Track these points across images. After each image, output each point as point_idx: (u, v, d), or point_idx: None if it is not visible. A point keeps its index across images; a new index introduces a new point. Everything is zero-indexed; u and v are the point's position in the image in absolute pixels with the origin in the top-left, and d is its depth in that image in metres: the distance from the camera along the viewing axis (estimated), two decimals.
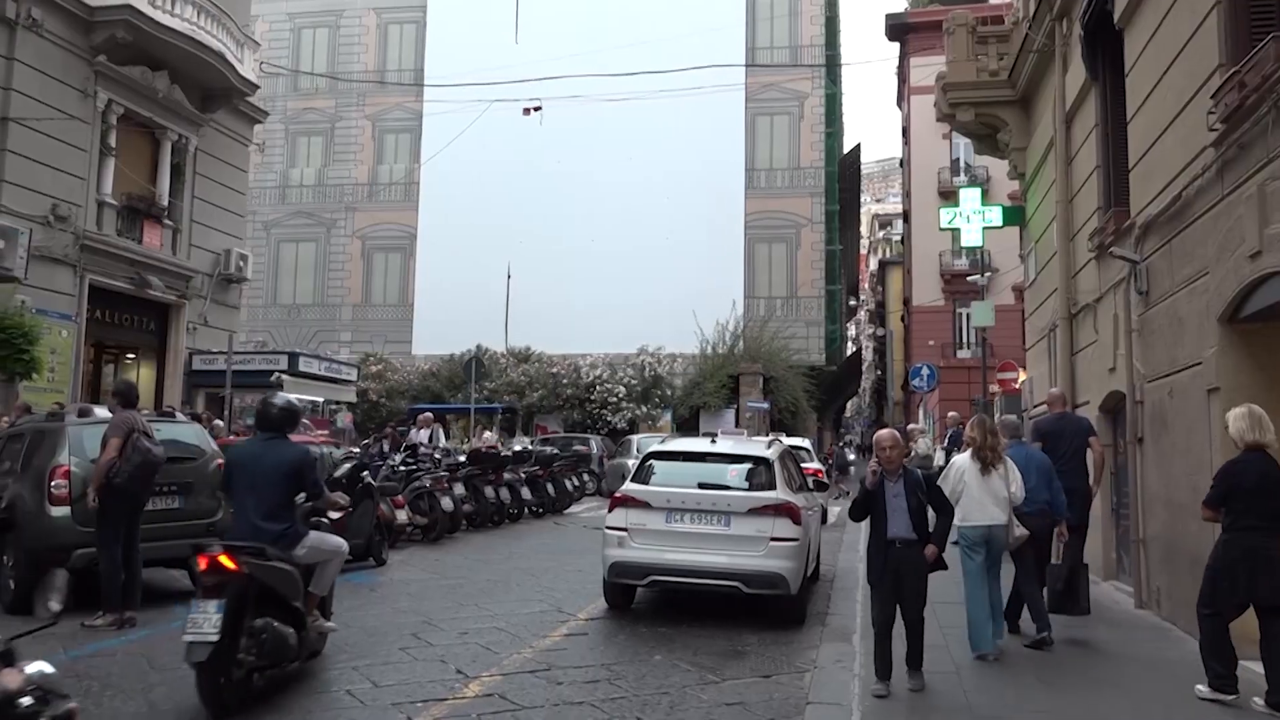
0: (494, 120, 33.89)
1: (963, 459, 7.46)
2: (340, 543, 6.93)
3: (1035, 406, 13.53)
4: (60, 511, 8.83)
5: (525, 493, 16.81)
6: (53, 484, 8.91)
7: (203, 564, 5.81)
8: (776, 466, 8.84)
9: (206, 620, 5.64)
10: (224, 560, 5.76)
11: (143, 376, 20.64)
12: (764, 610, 8.50)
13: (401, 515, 12.84)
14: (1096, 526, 10.23)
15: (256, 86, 22.08)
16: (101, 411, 9.89)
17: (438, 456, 16.93)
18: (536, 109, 25.27)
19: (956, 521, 6.94)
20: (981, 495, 7.19)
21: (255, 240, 34.82)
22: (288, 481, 6.37)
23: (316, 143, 41.65)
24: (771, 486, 8.60)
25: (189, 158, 20.69)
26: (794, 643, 7.87)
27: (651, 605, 9.25)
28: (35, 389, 15.94)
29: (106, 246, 18.23)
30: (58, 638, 7.79)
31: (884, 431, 6.52)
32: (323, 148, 41.63)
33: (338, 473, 11.76)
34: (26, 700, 2.43)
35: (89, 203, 17.94)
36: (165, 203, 20.04)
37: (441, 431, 19.51)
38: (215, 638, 5.60)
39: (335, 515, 8.00)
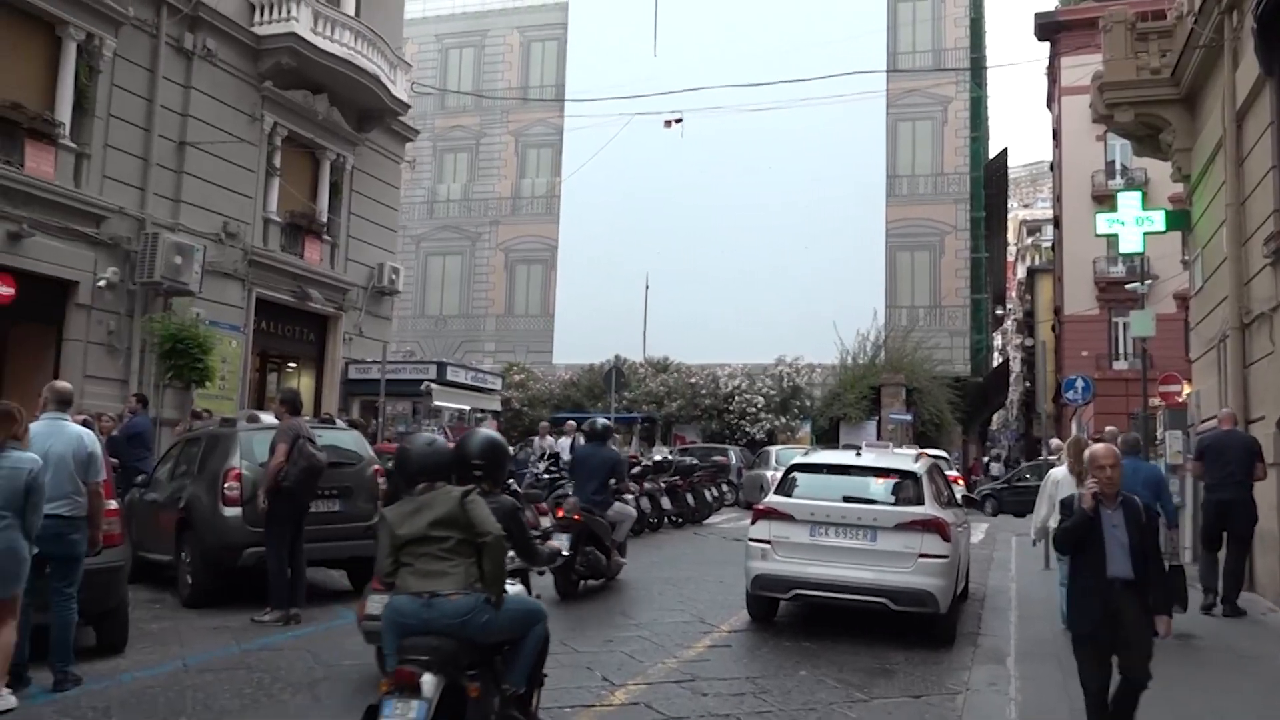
0: (634, 133, 34.30)
1: (1059, 471, 8.76)
2: (630, 510, 11.48)
3: (1203, 421, 12.80)
4: (232, 512, 9.37)
5: (665, 502, 16.89)
6: (226, 486, 9.47)
7: (559, 513, 10.38)
8: (924, 480, 8.63)
9: (562, 544, 9.01)
10: (573, 515, 10.19)
11: (303, 385, 21.70)
12: (912, 628, 8.31)
13: (545, 522, 13.08)
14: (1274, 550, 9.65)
15: (408, 106, 22.97)
16: (267, 418, 10.46)
17: None
18: (677, 121, 25.43)
19: (1053, 525, 7.73)
20: None
21: (405, 254, 36.15)
22: (606, 473, 10.77)
23: (462, 159, 43.01)
24: (919, 501, 8.40)
25: (346, 176, 21.69)
26: (944, 663, 7.66)
27: (795, 619, 9.16)
28: (208, 396, 16.98)
29: (271, 261, 19.28)
30: (231, 631, 8.29)
31: (1101, 447, 5.41)
32: (468, 163, 42.95)
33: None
34: None
35: (256, 220, 19.00)
36: (324, 219, 21.05)
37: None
38: (568, 553, 9.53)
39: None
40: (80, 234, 15.47)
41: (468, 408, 23.86)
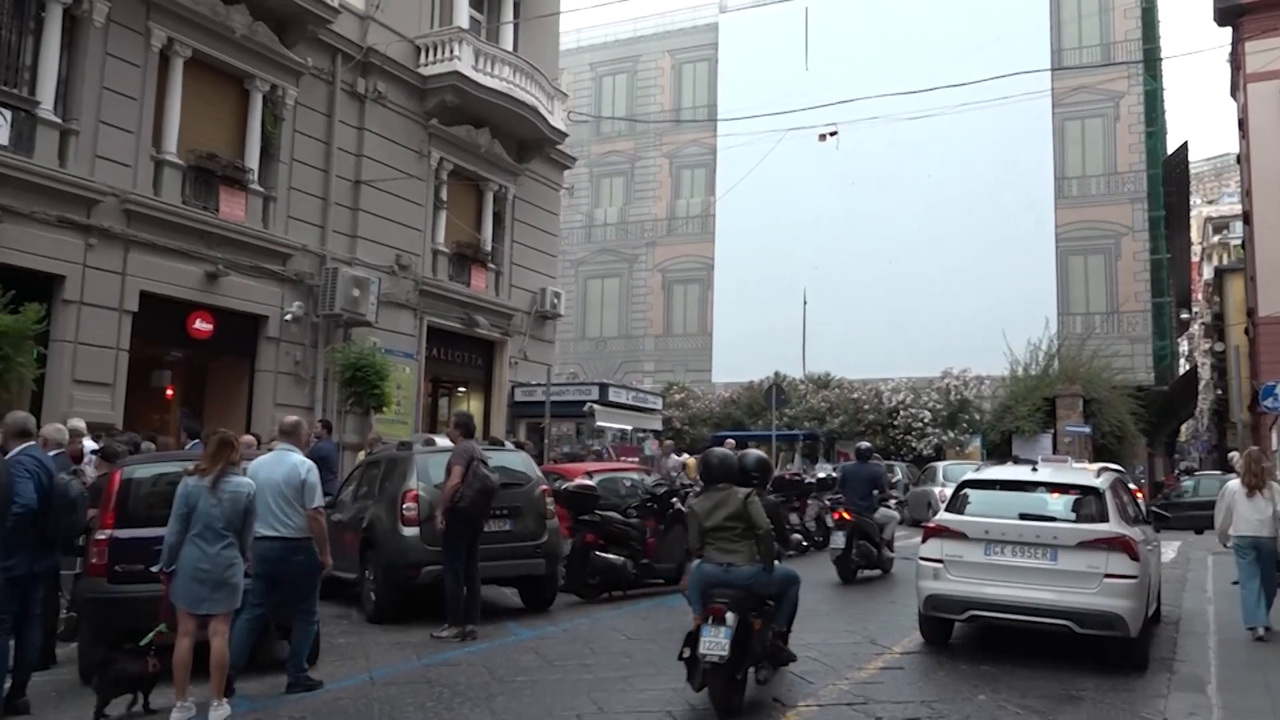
0: (787, 148, 34.06)
1: (1234, 483, 9.51)
2: (894, 514, 13.97)
3: None
4: (411, 531, 9.78)
5: (830, 520, 16.59)
6: (404, 506, 9.90)
7: (835, 516, 13.29)
8: (1108, 496, 8.18)
9: (839, 541, 12.62)
10: (846, 514, 12.76)
11: (472, 408, 22.45)
12: (1099, 652, 7.88)
13: None
14: None
15: (565, 134, 23.59)
16: (441, 441, 10.88)
17: None
18: (832, 134, 25.08)
19: (1230, 531, 9.29)
20: (1247, 513, 9.17)
21: (565, 278, 37.03)
22: (871, 484, 13.18)
23: (618, 183, 43.76)
24: (1103, 518, 7.97)
25: (508, 205, 22.43)
26: (1136, 690, 7.22)
27: (971, 641, 8.84)
28: (385, 421, 17.82)
29: (441, 290, 20.11)
30: (412, 646, 8.64)
31: None
32: (624, 187, 43.66)
33: (645, 499, 12.19)
34: None
35: (426, 252, 19.89)
36: (489, 248, 21.82)
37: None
38: (842, 549, 12.56)
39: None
40: (269, 271, 16.56)
41: (630, 427, 24.15)
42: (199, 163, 15.57)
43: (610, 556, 11.20)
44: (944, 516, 8.62)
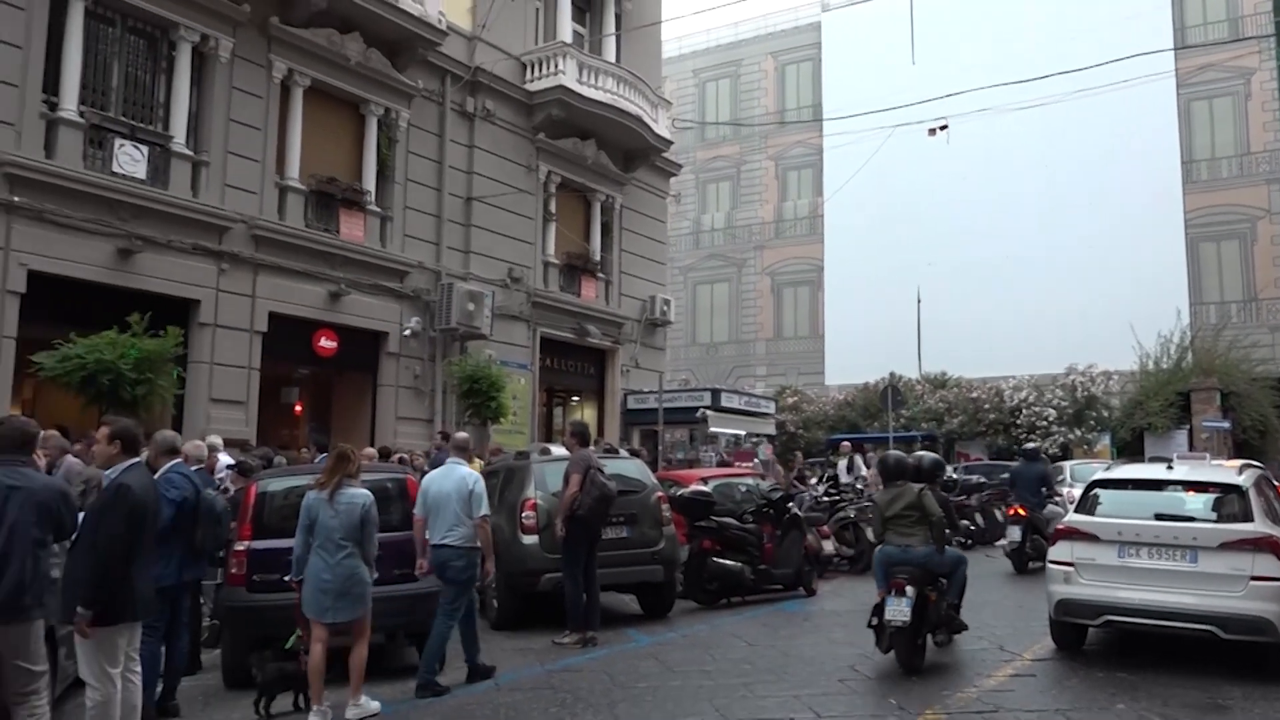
0: (896, 145, 33.45)
1: None
2: (1059, 511, 13.00)
3: None
4: (530, 540, 9.94)
5: (999, 515, 16.20)
6: (523, 515, 10.06)
7: (1010, 511, 13.69)
8: (1252, 494, 7.77)
9: (1015, 534, 13.31)
10: (1020, 510, 13.35)
11: (586, 416, 22.74)
12: (1246, 658, 7.48)
13: (828, 546, 12.93)
14: None
15: (670, 142, 23.68)
16: (557, 450, 11.04)
17: (859, 486, 16.88)
18: (942, 128, 24.46)
19: None
20: None
21: (674, 285, 37.11)
22: (1040, 482, 13.91)
23: (724, 187, 43.67)
24: (1247, 518, 7.57)
25: (616, 215, 22.63)
26: None
27: (1106, 647, 8.50)
28: (502, 431, 18.16)
29: (552, 301, 20.42)
30: (535, 653, 8.78)
31: None
32: (730, 192, 43.55)
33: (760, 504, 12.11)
34: None
35: (537, 264, 20.22)
36: (598, 258, 22.06)
37: (861, 461, 19.40)
38: (1019, 541, 13.20)
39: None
40: (387, 289, 17.10)
41: (743, 432, 24.04)
42: (320, 187, 16.19)
43: (727, 562, 11.17)
44: (1074, 518, 8.32)
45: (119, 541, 5.38)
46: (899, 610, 7.35)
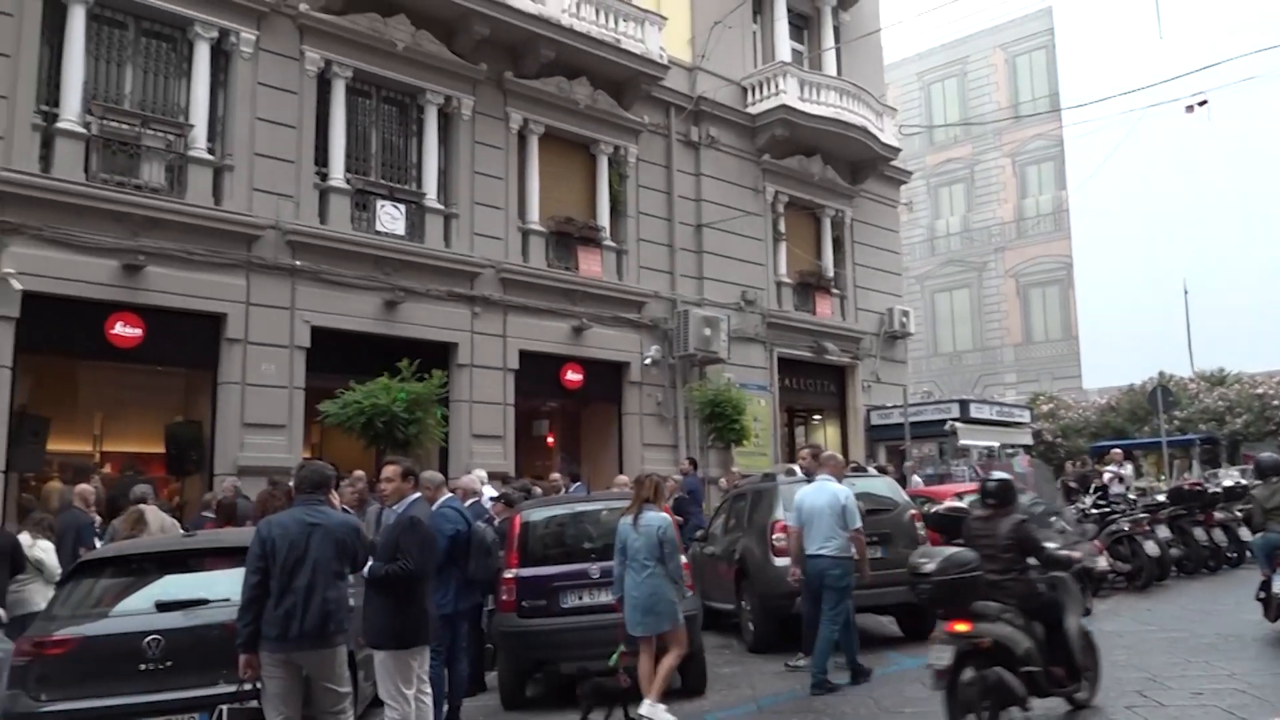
0: (1148, 127, 31.08)
1: None
2: None
3: None
4: (781, 562, 9.82)
5: (1244, 533, 14.71)
6: (773, 537, 10.03)
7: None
8: None
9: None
10: None
11: (828, 435, 22.44)
12: None
13: (1101, 561, 12.01)
14: None
15: (898, 150, 23.11)
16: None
17: (1131, 496, 15.71)
18: (1201, 104, 22.45)
19: None
20: None
21: (911, 295, 36.04)
22: None
23: (958, 190, 42.10)
24: None
25: (846, 229, 22.30)
26: None
27: None
28: (744, 453, 18.24)
29: (787, 321, 20.35)
30: (796, 675, 8.72)
31: None
32: (964, 194, 41.92)
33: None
34: None
35: (769, 285, 20.23)
36: (831, 274, 21.78)
37: (1132, 468, 18.02)
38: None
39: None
40: (626, 320, 17.63)
41: (996, 444, 22.93)
42: (558, 227, 16.96)
43: None
44: None
45: (415, 571, 5.86)
46: None
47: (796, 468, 11.58)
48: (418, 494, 6.41)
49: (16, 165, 11.46)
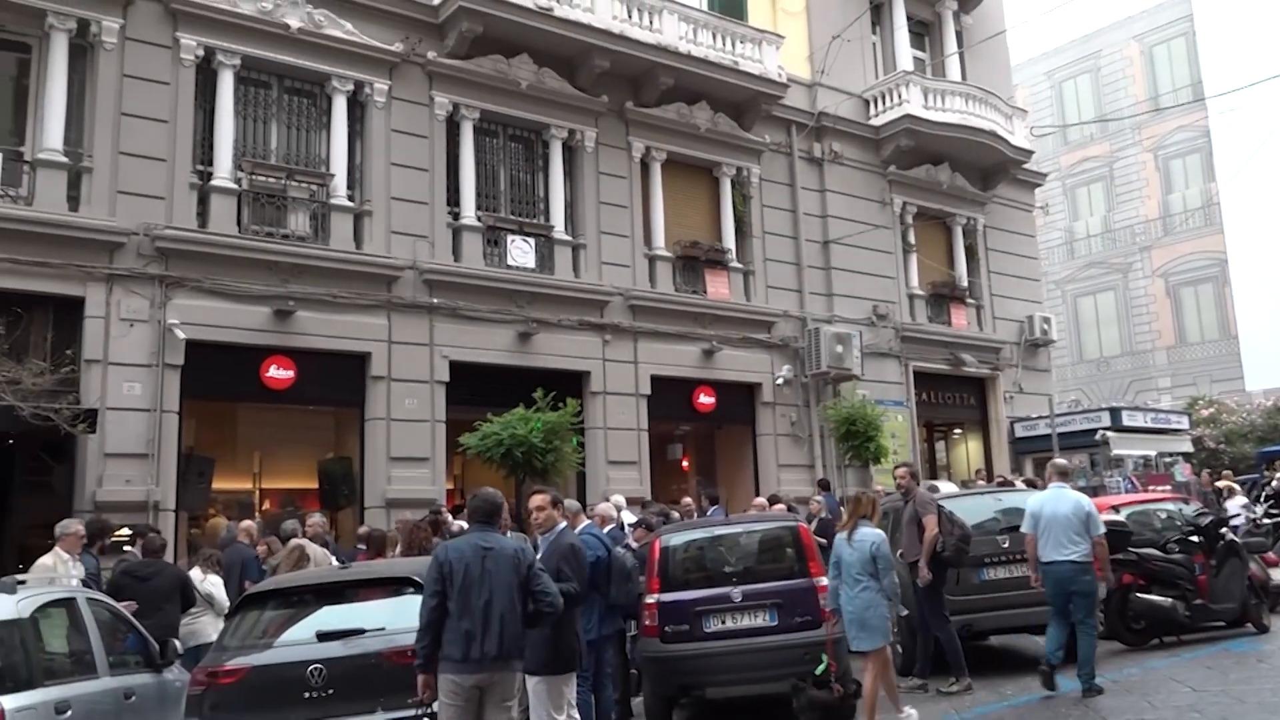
0: None
1: None
2: None
3: None
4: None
5: None
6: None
7: None
8: None
9: None
10: None
11: (970, 448, 21.78)
12: None
13: (1277, 574, 11.34)
14: None
15: (1030, 152, 22.36)
16: (947, 487, 10.67)
17: None
18: None
19: None
20: None
21: (1051, 300, 34.68)
22: None
23: (1096, 190, 40.39)
24: None
25: (979, 237, 21.68)
26: None
27: None
28: (883, 471, 17.82)
29: (921, 334, 19.88)
30: (949, 699, 8.46)
31: None
32: (1103, 193, 40.19)
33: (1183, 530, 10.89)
34: None
35: (901, 298, 19.82)
36: (965, 283, 21.19)
37: None
38: None
39: None
40: (756, 341, 17.55)
41: (1153, 453, 21.80)
42: (684, 252, 17.06)
43: (1154, 598, 10.12)
44: None
45: (572, 595, 5.97)
46: None
47: (940, 484, 11.32)
48: (564, 522, 6.53)
49: (177, 222, 12.29)
